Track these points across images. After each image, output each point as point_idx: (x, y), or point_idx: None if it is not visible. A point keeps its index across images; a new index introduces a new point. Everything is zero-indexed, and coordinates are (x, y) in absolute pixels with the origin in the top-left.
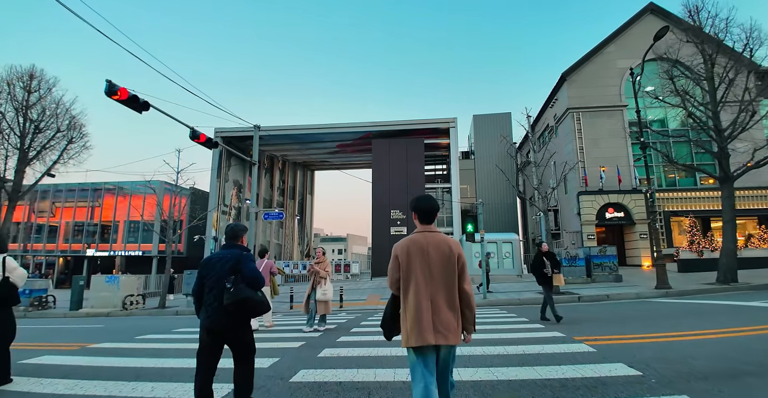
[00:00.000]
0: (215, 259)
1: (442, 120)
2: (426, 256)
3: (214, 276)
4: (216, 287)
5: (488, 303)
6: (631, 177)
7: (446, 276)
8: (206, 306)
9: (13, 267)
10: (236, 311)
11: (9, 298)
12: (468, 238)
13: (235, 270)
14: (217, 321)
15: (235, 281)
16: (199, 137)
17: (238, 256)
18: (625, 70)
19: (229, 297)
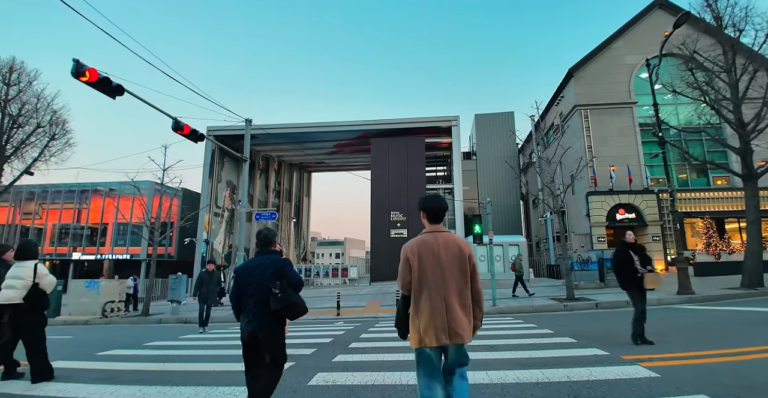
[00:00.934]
0: (252, 266)
1: (444, 118)
2: (437, 257)
3: (254, 283)
4: (258, 293)
5: (498, 310)
6: (642, 176)
7: (458, 277)
8: (247, 312)
9: (44, 274)
10: (284, 315)
11: (39, 303)
12: (475, 240)
13: (280, 275)
14: (259, 327)
15: (281, 286)
16: (182, 128)
17: (279, 262)
18: (634, 66)
19: (278, 302)
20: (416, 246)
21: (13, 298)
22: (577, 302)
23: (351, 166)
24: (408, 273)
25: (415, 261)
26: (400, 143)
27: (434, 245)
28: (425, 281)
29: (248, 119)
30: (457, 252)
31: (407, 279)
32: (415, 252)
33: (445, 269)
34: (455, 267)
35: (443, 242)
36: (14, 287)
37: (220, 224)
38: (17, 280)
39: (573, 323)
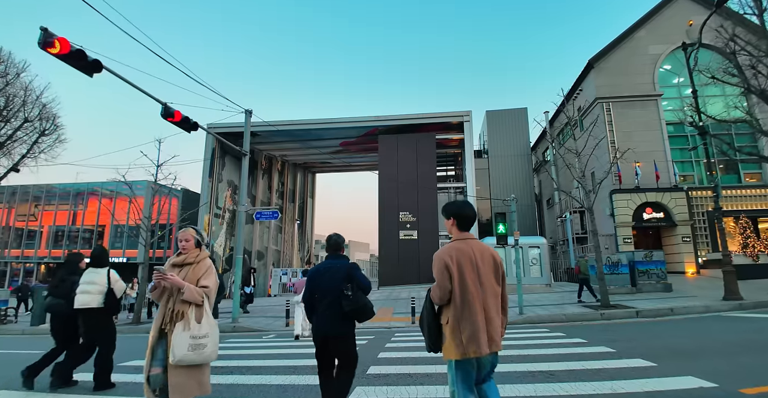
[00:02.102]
0: (323, 269)
1: (455, 113)
2: (475, 265)
3: (327, 285)
4: (330, 295)
5: (526, 320)
6: (670, 173)
7: (494, 284)
8: (319, 314)
9: (116, 280)
10: (355, 316)
11: (113, 307)
12: (499, 241)
13: (350, 278)
14: (331, 328)
15: (353, 289)
16: (173, 115)
17: (348, 266)
18: (658, 56)
19: (350, 304)
20: (454, 254)
21: (88, 303)
22: (615, 310)
23: (357, 166)
24: (449, 282)
25: (455, 269)
26: (410, 140)
27: (471, 253)
28: (467, 290)
29: (248, 110)
30: (491, 260)
31: (448, 289)
32: (454, 260)
33: (483, 277)
34: (491, 275)
35: (478, 250)
36: (89, 292)
37: (220, 226)
38: (92, 285)
39: (626, 337)
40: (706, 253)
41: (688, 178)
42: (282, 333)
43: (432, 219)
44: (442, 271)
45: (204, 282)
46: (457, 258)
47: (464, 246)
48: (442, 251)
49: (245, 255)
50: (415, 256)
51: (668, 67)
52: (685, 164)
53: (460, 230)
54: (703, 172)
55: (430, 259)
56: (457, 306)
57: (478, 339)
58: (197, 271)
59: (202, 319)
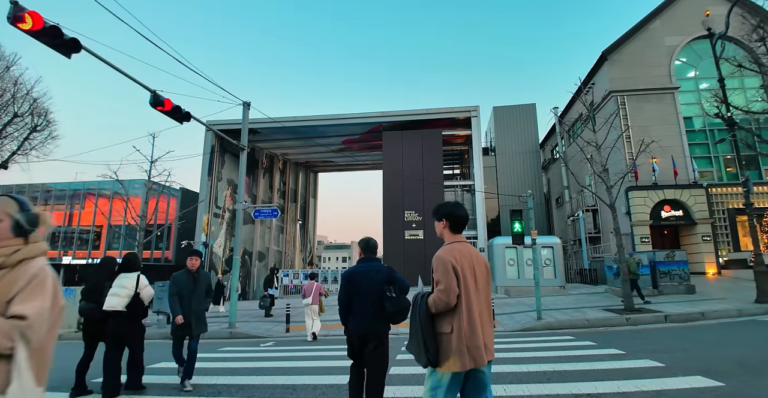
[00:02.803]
0: (363, 271)
1: (462, 108)
2: (473, 269)
3: (368, 287)
4: (372, 296)
5: (546, 325)
6: (688, 169)
7: (487, 290)
8: (358, 314)
9: (145, 285)
10: (394, 317)
11: (138, 311)
12: (515, 241)
13: (391, 280)
14: (370, 328)
15: (395, 290)
16: (162, 103)
17: (386, 269)
18: (673, 48)
19: (393, 305)
20: (457, 255)
21: (115, 306)
22: (641, 314)
23: (360, 165)
24: (456, 285)
25: (460, 271)
26: (415, 136)
27: (469, 256)
28: (470, 295)
29: (246, 102)
30: (484, 266)
31: (456, 292)
32: (459, 262)
33: (479, 281)
34: (485, 281)
35: (475, 254)
36: (119, 295)
37: (220, 226)
38: (122, 289)
39: (666, 346)
40: (726, 253)
41: (706, 175)
42: (281, 341)
43: None
44: (448, 273)
45: (19, 309)
46: (460, 261)
47: (464, 249)
48: (444, 252)
49: (246, 256)
50: (421, 257)
51: (684, 60)
52: (703, 160)
53: (453, 232)
54: (722, 167)
55: None
56: (462, 312)
57: (480, 349)
58: (9, 285)
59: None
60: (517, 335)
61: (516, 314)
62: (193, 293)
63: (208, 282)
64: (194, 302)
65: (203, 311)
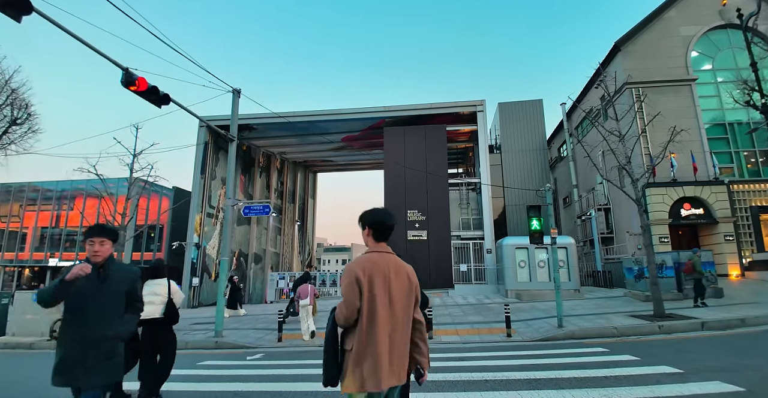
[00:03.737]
0: None
1: (467, 103)
2: (388, 283)
3: None
4: None
5: (569, 334)
6: (708, 165)
7: (406, 307)
8: None
9: (176, 290)
10: None
11: (174, 317)
12: (533, 240)
13: None
14: None
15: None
16: (135, 83)
17: None
18: (690, 38)
19: None
20: (368, 266)
21: (152, 313)
22: (674, 321)
23: (360, 165)
24: (358, 299)
25: (366, 284)
26: (418, 132)
27: (386, 268)
28: (375, 311)
29: (236, 89)
30: (406, 280)
31: (356, 307)
32: (367, 274)
33: (395, 298)
34: (404, 296)
35: (394, 266)
36: (153, 303)
37: (213, 226)
38: (156, 296)
39: (727, 362)
40: (750, 253)
41: (726, 171)
42: (271, 352)
43: (443, 218)
44: (351, 284)
45: None
46: (369, 273)
47: (380, 260)
48: (354, 262)
49: (241, 259)
50: (424, 259)
51: (700, 51)
52: (723, 155)
53: (377, 241)
54: (743, 163)
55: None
56: (362, 330)
57: (378, 372)
58: None
59: None
60: (538, 346)
61: (532, 321)
62: (94, 303)
63: (132, 288)
64: (94, 321)
65: (115, 341)
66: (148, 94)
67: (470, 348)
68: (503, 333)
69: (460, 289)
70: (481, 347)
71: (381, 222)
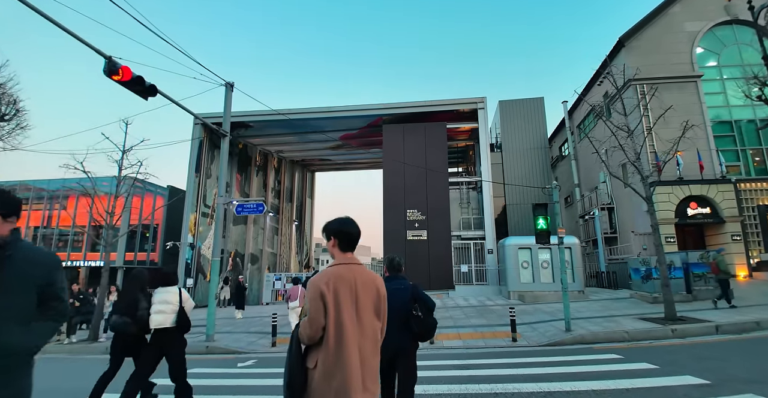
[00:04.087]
0: (391, 290)
1: (468, 100)
2: (354, 296)
3: (394, 306)
4: (396, 315)
5: (578, 339)
6: (714, 163)
7: (374, 321)
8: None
9: (186, 298)
10: (422, 335)
11: (185, 326)
12: (540, 239)
13: (415, 299)
14: (399, 345)
15: (421, 309)
16: (118, 72)
17: (411, 287)
18: (695, 34)
19: (420, 324)
20: (332, 280)
21: (163, 323)
22: (686, 324)
23: (359, 164)
24: (323, 316)
25: (331, 299)
26: (417, 130)
27: (352, 281)
28: (342, 326)
29: (229, 83)
30: (375, 292)
31: (321, 324)
32: (332, 289)
33: (363, 311)
34: (372, 309)
35: (362, 278)
36: (164, 312)
37: (209, 226)
38: (167, 305)
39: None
40: (757, 253)
41: (732, 169)
42: (264, 358)
43: (443, 217)
44: (315, 299)
45: None
46: (334, 287)
47: (346, 273)
48: (318, 276)
49: (237, 259)
50: (424, 259)
51: (705, 47)
52: (729, 153)
53: (343, 251)
54: (750, 161)
55: (442, 262)
56: (329, 347)
57: (349, 389)
58: None
59: None
60: (546, 352)
61: (537, 324)
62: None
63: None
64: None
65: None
66: (133, 85)
67: (475, 355)
68: (508, 337)
69: (460, 290)
70: (486, 353)
71: (347, 232)
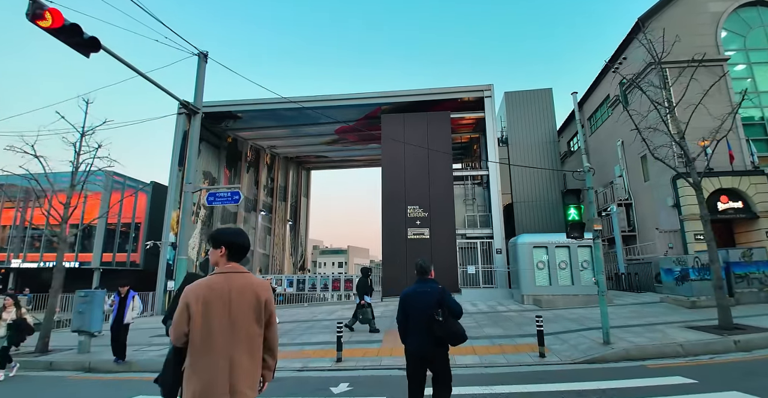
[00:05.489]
0: (417, 293)
1: (474, 87)
2: (227, 306)
3: (419, 309)
4: (424, 318)
5: (622, 355)
6: (744, 153)
7: (252, 327)
8: (414, 334)
9: None
10: (447, 341)
11: None
12: (571, 233)
13: (441, 303)
14: (425, 348)
15: (443, 314)
16: (44, 16)
17: (439, 291)
18: (719, 14)
19: (440, 329)
20: (202, 292)
21: None
22: (748, 334)
23: (356, 161)
24: (185, 324)
25: (198, 310)
26: (419, 119)
27: (223, 291)
28: (210, 336)
29: (202, 52)
30: (253, 299)
31: (182, 330)
32: (200, 300)
33: (238, 319)
34: (250, 316)
35: (237, 287)
36: None
37: (194, 224)
38: None
39: None
40: None
41: (763, 160)
42: None
43: (447, 214)
44: (182, 312)
45: None
46: (204, 298)
47: (220, 283)
48: (190, 287)
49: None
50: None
51: (730, 29)
52: (760, 143)
53: (230, 261)
54: None
55: (446, 263)
56: (197, 351)
57: (212, 391)
58: None
59: None
60: (587, 373)
61: (564, 335)
62: None
63: None
64: None
65: None
66: (66, 35)
67: (498, 378)
68: (533, 351)
69: (467, 294)
70: (511, 374)
71: (240, 244)
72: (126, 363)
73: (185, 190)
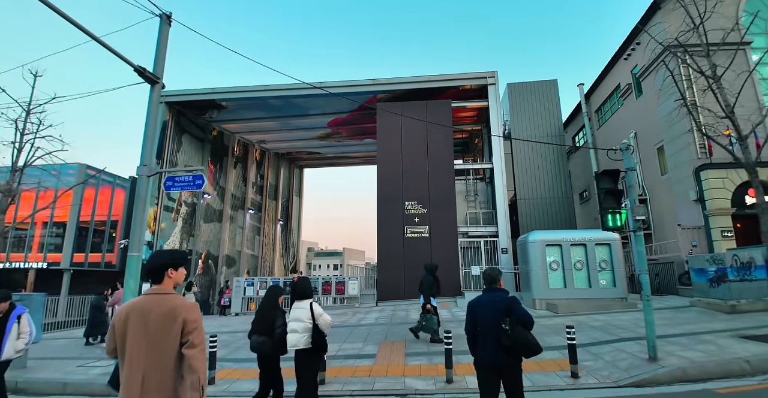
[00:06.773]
0: (485, 301)
1: (476, 74)
2: (145, 324)
3: (487, 318)
4: (492, 328)
5: (675, 376)
6: None
7: (166, 347)
8: (483, 344)
9: (320, 313)
10: (517, 351)
11: (320, 347)
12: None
13: (509, 312)
14: (496, 359)
15: (511, 323)
16: None
17: (508, 299)
18: None
19: (508, 339)
20: (125, 310)
21: (296, 343)
22: None
23: (351, 158)
24: (112, 342)
25: (119, 328)
26: (417, 108)
27: (146, 310)
28: (127, 350)
29: (165, 13)
30: (169, 319)
31: (111, 347)
32: (123, 317)
33: (152, 337)
34: (164, 335)
35: (157, 307)
36: (296, 331)
37: (173, 221)
38: (298, 323)
39: None
40: None
41: None
42: None
43: (448, 210)
44: (111, 329)
45: None
46: (126, 317)
47: (142, 303)
48: (123, 305)
49: (209, 261)
50: (426, 260)
51: (751, 11)
52: None
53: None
54: None
55: (447, 264)
56: (122, 367)
57: None
58: None
59: None
60: None
61: (595, 347)
62: None
63: None
64: None
65: None
66: None
67: None
68: (562, 370)
69: (471, 298)
70: None
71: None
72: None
73: (138, 173)
